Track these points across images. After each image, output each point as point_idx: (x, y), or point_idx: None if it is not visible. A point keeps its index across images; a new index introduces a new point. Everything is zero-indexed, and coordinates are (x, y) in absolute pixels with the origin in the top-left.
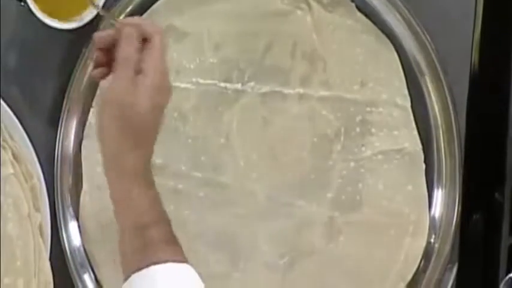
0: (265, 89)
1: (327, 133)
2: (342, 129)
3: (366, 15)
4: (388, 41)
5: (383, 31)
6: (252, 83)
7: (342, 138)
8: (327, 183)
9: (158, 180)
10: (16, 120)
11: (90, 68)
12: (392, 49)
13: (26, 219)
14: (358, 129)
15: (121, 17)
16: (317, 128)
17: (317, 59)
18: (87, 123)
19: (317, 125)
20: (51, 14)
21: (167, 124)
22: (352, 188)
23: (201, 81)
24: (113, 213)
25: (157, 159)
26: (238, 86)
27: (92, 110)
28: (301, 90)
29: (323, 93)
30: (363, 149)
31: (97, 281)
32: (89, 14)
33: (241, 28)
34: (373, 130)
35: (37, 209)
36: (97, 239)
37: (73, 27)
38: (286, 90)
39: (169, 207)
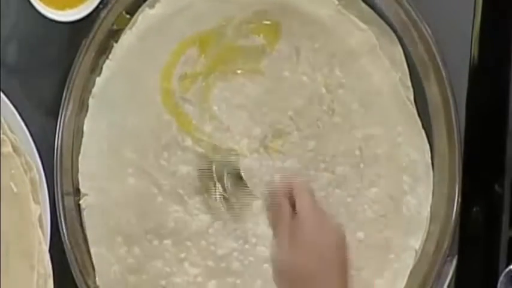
0: None
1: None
2: None
3: (370, 7)
4: (392, 32)
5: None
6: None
7: None
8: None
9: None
10: (15, 112)
11: (89, 59)
12: (396, 41)
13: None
14: None
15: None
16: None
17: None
18: (87, 116)
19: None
20: (50, 7)
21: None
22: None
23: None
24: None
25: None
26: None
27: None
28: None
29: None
30: None
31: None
32: (88, 6)
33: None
34: None
35: (36, 201)
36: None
37: (72, 19)
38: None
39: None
